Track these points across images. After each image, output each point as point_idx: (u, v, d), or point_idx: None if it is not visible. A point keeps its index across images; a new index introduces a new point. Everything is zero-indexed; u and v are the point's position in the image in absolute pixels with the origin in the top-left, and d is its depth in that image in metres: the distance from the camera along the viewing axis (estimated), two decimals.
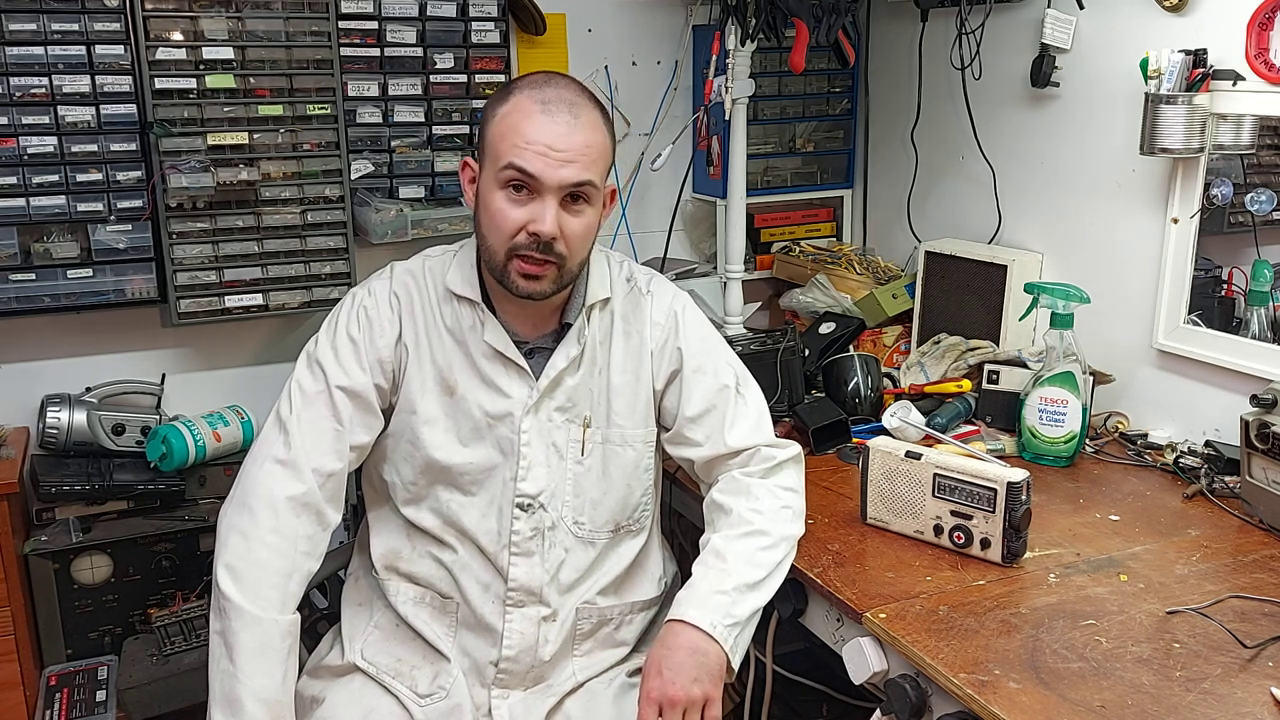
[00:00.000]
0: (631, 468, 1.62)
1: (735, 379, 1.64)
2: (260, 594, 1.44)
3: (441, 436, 1.56)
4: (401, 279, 1.60)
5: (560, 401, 1.58)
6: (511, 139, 1.45)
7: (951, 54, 2.34)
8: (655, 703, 1.39)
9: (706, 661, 1.41)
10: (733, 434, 1.60)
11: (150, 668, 2.05)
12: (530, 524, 1.56)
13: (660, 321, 1.63)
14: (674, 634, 1.43)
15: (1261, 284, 1.88)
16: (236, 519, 1.48)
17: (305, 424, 1.51)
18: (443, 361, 1.57)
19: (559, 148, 1.43)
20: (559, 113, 1.45)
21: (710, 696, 1.40)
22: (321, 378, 1.53)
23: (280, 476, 1.48)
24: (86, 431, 2.12)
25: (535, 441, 1.56)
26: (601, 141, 1.49)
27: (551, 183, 1.44)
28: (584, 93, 1.50)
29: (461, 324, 1.57)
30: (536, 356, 1.58)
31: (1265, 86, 1.74)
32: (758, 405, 1.66)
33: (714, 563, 1.50)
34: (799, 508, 1.60)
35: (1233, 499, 1.72)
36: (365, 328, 1.56)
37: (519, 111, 1.46)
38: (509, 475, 1.56)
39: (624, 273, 1.67)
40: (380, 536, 1.64)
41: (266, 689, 1.42)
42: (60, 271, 2.04)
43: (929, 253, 2.36)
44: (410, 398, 1.57)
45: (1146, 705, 1.20)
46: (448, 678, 1.56)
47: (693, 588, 1.48)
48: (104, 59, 1.99)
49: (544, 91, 1.47)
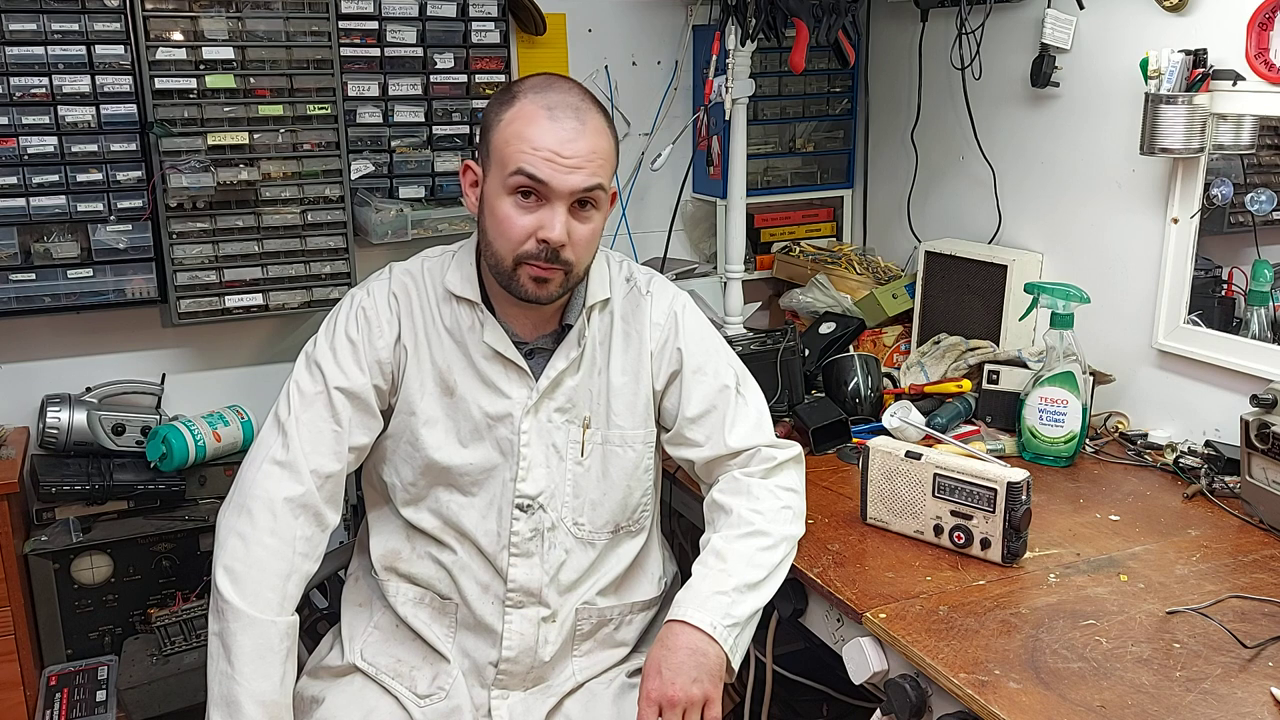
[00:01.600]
0: (631, 468, 1.62)
1: (735, 379, 1.64)
2: (259, 596, 1.44)
3: (441, 437, 1.56)
4: (400, 279, 1.60)
5: (560, 402, 1.58)
6: (518, 145, 1.44)
7: (951, 54, 2.34)
8: (655, 703, 1.39)
9: (706, 662, 1.41)
10: (733, 434, 1.60)
11: (150, 668, 2.05)
12: (530, 525, 1.56)
13: (660, 322, 1.63)
14: (674, 634, 1.43)
15: (1261, 284, 1.88)
16: (235, 521, 1.48)
17: (304, 425, 1.50)
18: (442, 362, 1.56)
19: (567, 154, 1.43)
20: (565, 118, 1.44)
21: (710, 697, 1.40)
22: (320, 379, 1.53)
23: (278, 478, 1.48)
24: (86, 431, 2.12)
25: (535, 442, 1.56)
26: (607, 146, 1.49)
27: (561, 189, 1.43)
28: (588, 96, 1.50)
29: (461, 325, 1.57)
30: (536, 358, 1.58)
31: (1265, 86, 1.74)
32: (758, 406, 1.65)
33: (714, 563, 1.50)
34: (799, 508, 1.60)
35: (1233, 499, 1.72)
36: (364, 328, 1.55)
37: (524, 117, 1.45)
38: (509, 476, 1.56)
39: (624, 273, 1.67)
40: (380, 537, 1.64)
41: (265, 691, 1.42)
42: (60, 271, 2.04)
43: (929, 253, 2.36)
44: (409, 399, 1.56)
45: (1146, 705, 1.20)
46: (447, 678, 1.56)
47: (692, 588, 1.48)
48: (104, 59, 1.99)
49: (549, 96, 1.46)
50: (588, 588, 1.61)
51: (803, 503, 1.62)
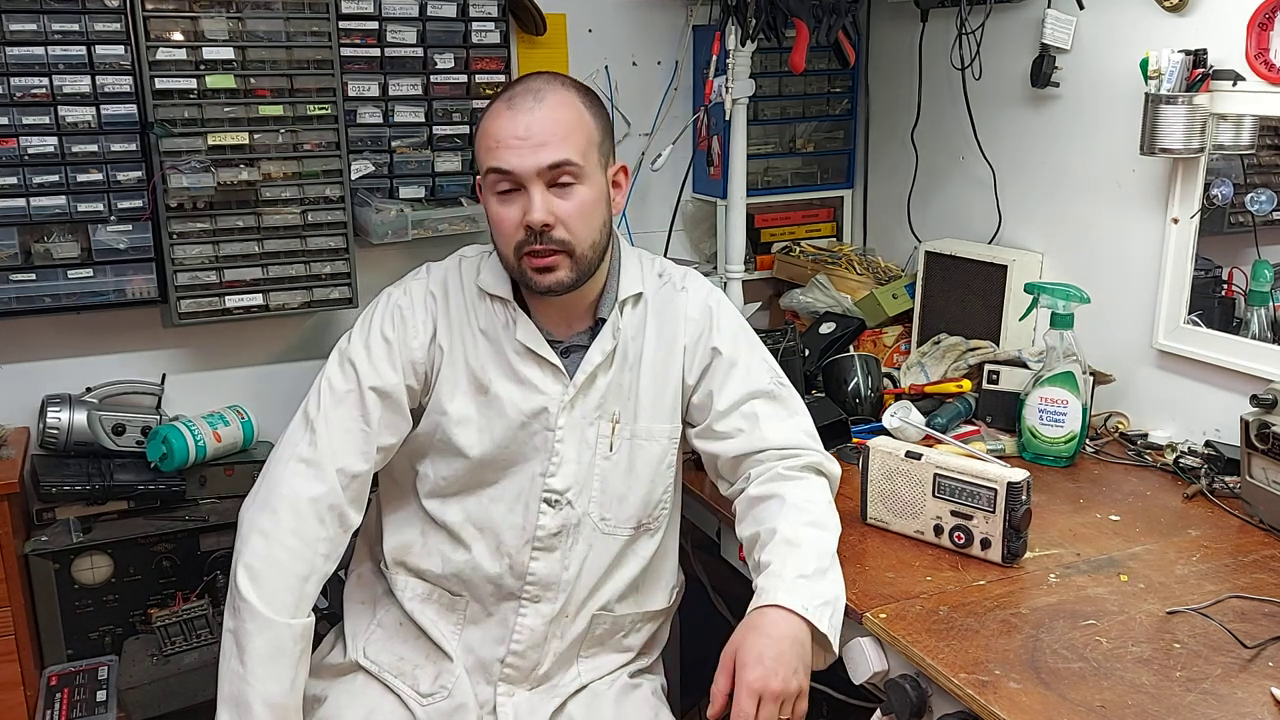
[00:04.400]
0: (656, 463, 1.61)
1: (772, 376, 1.62)
2: (276, 597, 1.43)
3: (474, 436, 1.55)
4: (439, 278, 1.60)
5: (595, 398, 1.57)
6: (485, 143, 1.47)
7: (951, 54, 2.34)
8: (756, 694, 1.29)
9: (805, 653, 1.35)
10: (774, 430, 1.57)
11: (150, 668, 2.05)
12: (557, 520, 1.55)
13: (695, 316, 1.62)
14: (772, 622, 1.35)
15: (1261, 284, 1.88)
16: (259, 518, 1.46)
17: (333, 424, 1.49)
18: (475, 362, 1.56)
19: (524, 135, 1.43)
20: (522, 103, 1.45)
21: (803, 689, 1.35)
22: (353, 377, 1.52)
23: (304, 476, 1.47)
24: (87, 431, 2.12)
25: (569, 438, 1.56)
26: (572, 117, 1.47)
27: (529, 171, 1.43)
28: (555, 79, 1.50)
29: (495, 323, 1.56)
30: (571, 355, 1.58)
31: (1265, 86, 1.74)
32: (800, 407, 1.63)
33: (786, 550, 1.43)
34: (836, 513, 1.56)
35: (1233, 499, 1.72)
36: (399, 327, 1.55)
37: (489, 115, 1.48)
38: (538, 470, 1.56)
39: (655, 268, 1.66)
40: (393, 529, 1.63)
41: (275, 693, 1.41)
42: (60, 271, 2.04)
43: (929, 253, 2.36)
44: (441, 399, 1.56)
45: (1146, 705, 1.20)
46: (450, 677, 1.56)
47: (774, 574, 1.40)
48: (104, 59, 1.99)
49: (512, 89, 1.49)
50: (605, 590, 1.60)
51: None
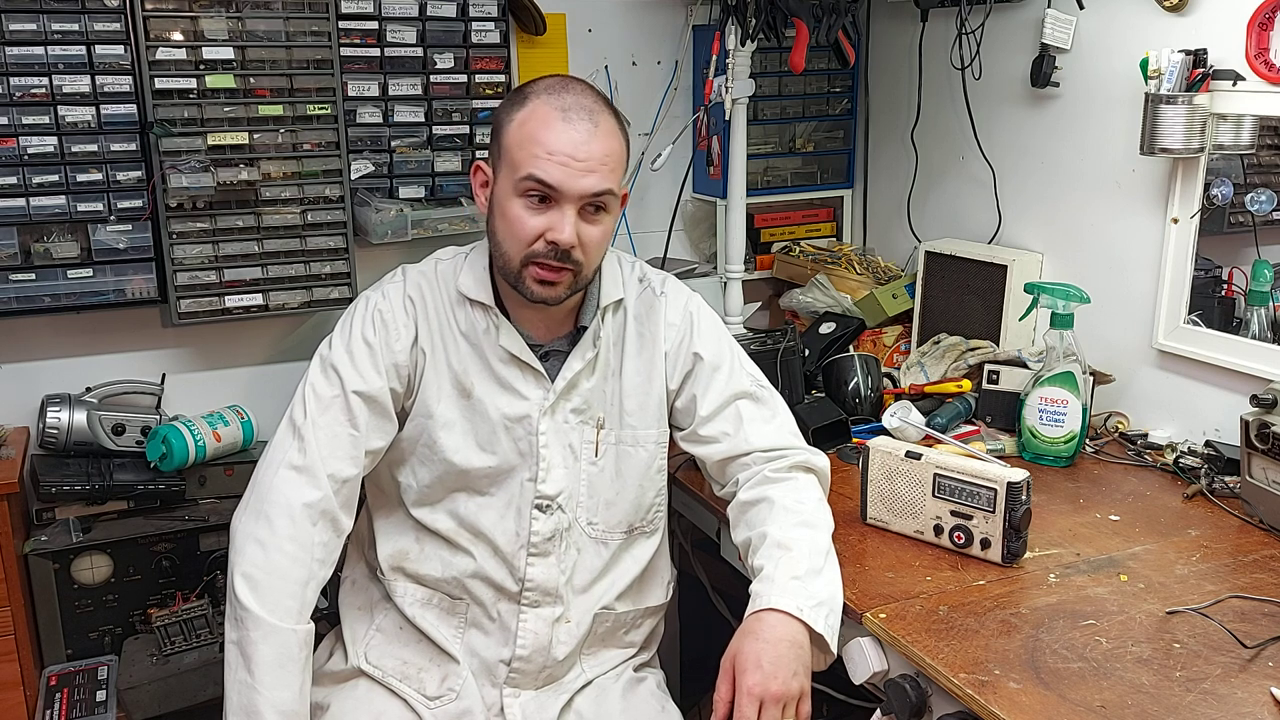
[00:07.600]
0: (644, 468, 1.62)
1: (752, 380, 1.64)
2: (279, 604, 1.42)
3: (459, 440, 1.55)
4: (415, 281, 1.58)
5: (576, 404, 1.57)
6: (530, 148, 1.43)
7: (951, 54, 2.34)
8: (757, 699, 1.31)
9: (804, 655, 1.36)
10: (756, 433, 1.58)
11: (150, 668, 2.05)
12: (549, 525, 1.56)
13: (675, 322, 1.62)
14: (768, 625, 1.36)
15: (1261, 284, 1.88)
16: (253, 527, 1.45)
17: (321, 429, 1.49)
18: (458, 365, 1.56)
19: (580, 157, 1.42)
20: (579, 120, 1.43)
21: (805, 690, 1.35)
22: (337, 382, 1.51)
23: (296, 483, 1.46)
24: (86, 431, 2.12)
25: (553, 443, 1.56)
26: (620, 149, 1.48)
27: (573, 193, 1.43)
28: (601, 99, 1.49)
29: (476, 328, 1.56)
30: (552, 360, 1.58)
31: (1265, 86, 1.74)
32: (782, 407, 1.64)
33: (779, 552, 1.43)
34: (827, 508, 1.56)
35: (1233, 499, 1.72)
36: (381, 331, 1.54)
37: (537, 119, 1.44)
38: (527, 476, 1.56)
39: (636, 273, 1.66)
40: (386, 537, 1.63)
41: (286, 700, 1.40)
42: (60, 271, 2.03)
43: (929, 253, 2.36)
44: (426, 402, 1.55)
45: (1146, 705, 1.20)
46: (457, 679, 1.56)
47: (767, 578, 1.41)
48: (104, 59, 1.99)
49: (563, 98, 1.45)
50: (604, 590, 1.61)
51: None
